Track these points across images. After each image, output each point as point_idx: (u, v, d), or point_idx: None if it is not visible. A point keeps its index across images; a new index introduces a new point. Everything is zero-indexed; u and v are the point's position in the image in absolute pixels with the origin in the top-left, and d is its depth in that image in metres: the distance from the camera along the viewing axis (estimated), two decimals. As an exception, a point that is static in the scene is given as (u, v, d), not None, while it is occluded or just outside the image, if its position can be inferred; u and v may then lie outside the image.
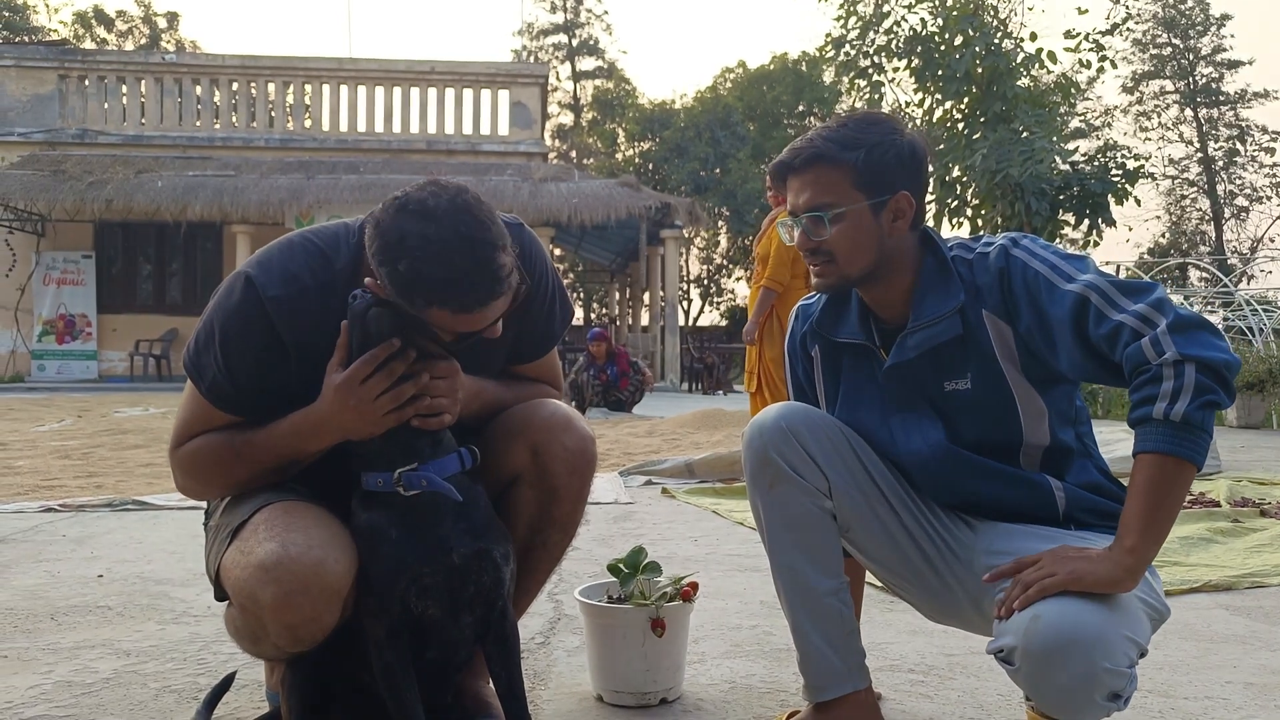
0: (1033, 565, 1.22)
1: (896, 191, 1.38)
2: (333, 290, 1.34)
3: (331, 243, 1.38)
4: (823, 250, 1.39)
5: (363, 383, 1.27)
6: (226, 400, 1.36)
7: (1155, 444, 1.18)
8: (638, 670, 1.67)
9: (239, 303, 1.33)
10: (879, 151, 1.36)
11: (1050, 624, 1.13)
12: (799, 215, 1.40)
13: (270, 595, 1.24)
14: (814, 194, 1.38)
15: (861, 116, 1.41)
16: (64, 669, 1.87)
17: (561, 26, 35.27)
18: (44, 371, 15.27)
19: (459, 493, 1.32)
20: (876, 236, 1.38)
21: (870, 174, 1.36)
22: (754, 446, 1.44)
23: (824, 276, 1.43)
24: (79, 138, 16.25)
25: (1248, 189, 31.63)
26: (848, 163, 1.36)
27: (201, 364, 1.35)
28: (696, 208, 16.27)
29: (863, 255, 1.39)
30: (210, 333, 1.34)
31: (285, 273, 1.34)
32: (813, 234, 1.39)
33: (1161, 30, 31.54)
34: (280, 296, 1.32)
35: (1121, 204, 10.86)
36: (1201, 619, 2.28)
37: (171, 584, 2.59)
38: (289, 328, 1.32)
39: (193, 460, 1.39)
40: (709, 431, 7.21)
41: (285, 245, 1.38)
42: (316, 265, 1.35)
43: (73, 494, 4.15)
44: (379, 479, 1.32)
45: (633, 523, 3.63)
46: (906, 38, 11.71)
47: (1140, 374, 1.20)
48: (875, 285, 1.43)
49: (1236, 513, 3.71)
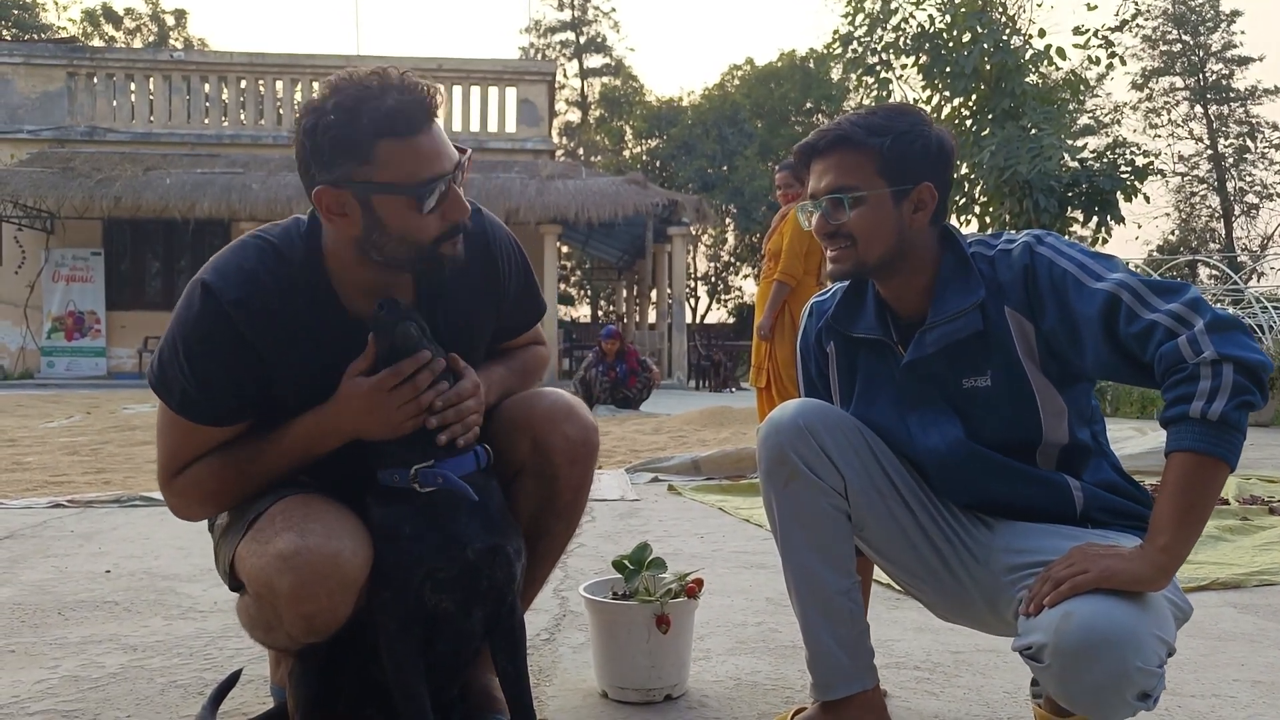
0: (1061, 562, 1.21)
1: (919, 183, 1.37)
2: (291, 285, 1.34)
3: (284, 238, 1.37)
4: (842, 234, 1.38)
5: (390, 391, 1.29)
6: (199, 412, 1.34)
7: (1191, 443, 1.17)
8: (642, 667, 1.67)
9: (199, 312, 1.31)
10: (905, 140, 1.36)
11: (1083, 622, 1.12)
12: (819, 198, 1.39)
13: (288, 584, 1.24)
14: (836, 176, 1.37)
15: (892, 106, 1.41)
16: (70, 664, 1.88)
17: (569, 24, 35.23)
18: (53, 368, 15.33)
19: (474, 490, 1.33)
20: (896, 225, 1.37)
21: (894, 162, 1.36)
22: (770, 443, 1.43)
23: (841, 262, 1.40)
24: (88, 135, 16.29)
25: (1258, 186, 31.46)
26: (872, 148, 1.35)
27: (168, 379, 1.33)
28: (704, 205, 16.23)
29: (881, 242, 1.37)
30: (174, 347, 1.32)
31: (241, 273, 1.32)
32: (832, 217, 1.38)
33: (1171, 26, 31.35)
34: (240, 299, 1.30)
35: (1130, 201, 10.83)
36: (1209, 617, 2.27)
37: (178, 579, 2.60)
38: (254, 330, 1.31)
39: (197, 486, 1.37)
40: (716, 429, 7.21)
41: (238, 247, 1.36)
42: (272, 262, 1.34)
43: (81, 490, 4.17)
44: (395, 475, 1.33)
45: (639, 519, 3.63)
46: (914, 34, 11.68)
47: (1175, 372, 1.19)
48: (893, 278, 1.42)
49: (1245, 510, 3.69)
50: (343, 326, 1.36)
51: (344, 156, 1.23)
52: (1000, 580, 1.37)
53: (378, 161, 1.23)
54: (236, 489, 1.38)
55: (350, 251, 1.33)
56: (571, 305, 33.91)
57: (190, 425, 1.34)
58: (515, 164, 16.08)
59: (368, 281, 1.36)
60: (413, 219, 1.27)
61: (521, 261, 1.55)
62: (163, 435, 1.38)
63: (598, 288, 32.77)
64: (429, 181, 1.26)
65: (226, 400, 1.34)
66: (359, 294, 1.37)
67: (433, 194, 1.26)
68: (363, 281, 1.36)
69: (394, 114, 1.23)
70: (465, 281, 1.44)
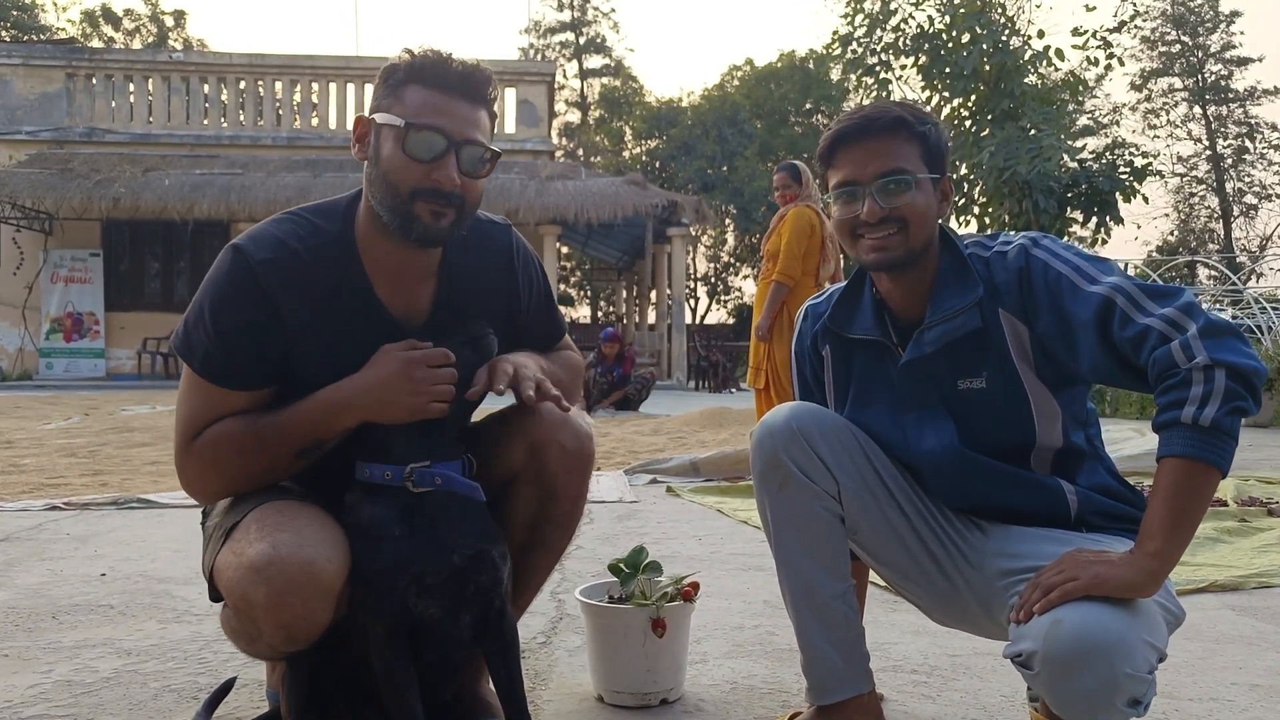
0: (1051, 569, 1.20)
1: (944, 174, 1.40)
2: (323, 256, 1.36)
3: (322, 213, 1.41)
4: (894, 218, 1.34)
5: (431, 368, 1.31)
6: (221, 373, 1.34)
7: (1182, 448, 1.16)
8: (638, 670, 1.67)
9: (228, 271, 1.34)
10: (937, 131, 1.38)
11: (1072, 629, 1.12)
12: (869, 183, 1.34)
13: (262, 595, 1.24)
14: (892, 159, 1.35)
15: (905, 102, 1.43)
16: (64, 668, 1.87)
17: (569, 24, 35.22)
18: (51, 369, 15.32)
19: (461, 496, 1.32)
20: (935, 214, 1.38)
21: (935, 150, 1.38)
22: (763, 448, 1.43)
23: (887, 249, 1.35)
24: (86, 136, 16.28)
25: (1256, 186, 31.48)
26: (922, 134, 1.37)
27: (192, 340, 1.35)
28: (703, 206, 16.23)
29: (927, 229, 1.37)
30: (200, 307, 1.35)
31: (272, 239, 1.36)
32: (883, 202, 1.34)
33: (1170, 27, 31.37)
34: (269, 260, 1.33)
35: (1129, 201, 10.83)
36: (1207, 619, 2.27)
37: (174, 582, 2.60)
38: (280, 292, 1.33)
39: (214, 450, 1.35)
40: (715, 430, 7.20)
41: (275, 218, 1.41)
42: (305, 232, 1.38)
43: (78, 492, 4.16)
44: (388, 471, 1.31)
45: (637, 521, 3.62)
46: (914, 35, 11.68)
47: (1168, 377, 1.18)
48: (906, 273, 1.39)
49: (1244, 512, 3.68)
50: (367, 303, 1.37)
51: (386, 92, 1.34)
52: (993, 585, 1.36)
53: (403, 99, 1.32)
54: (253, 460, 1.35)
55: (369, 211, 1.37)
56: (571, 306, 33.92)
57: (211, 388, 1.34)
58: (515, 164, 16.07)
59: (389, 259, 1.38)
60: (398, 157, 1.31)
61: (543, 284, 1.59)
62: (183, 401, 1.38)
63: (597, 288, 32.76)
64: (423, 126, 1.30)
65: (248, 363, 1.34)
66: (382, 273, 1.39)
67: (420, 135, 1.30)
68: (384, 259, 1.38)
69: (435, 67, 1.33)
70: (483, 283, 1.48)
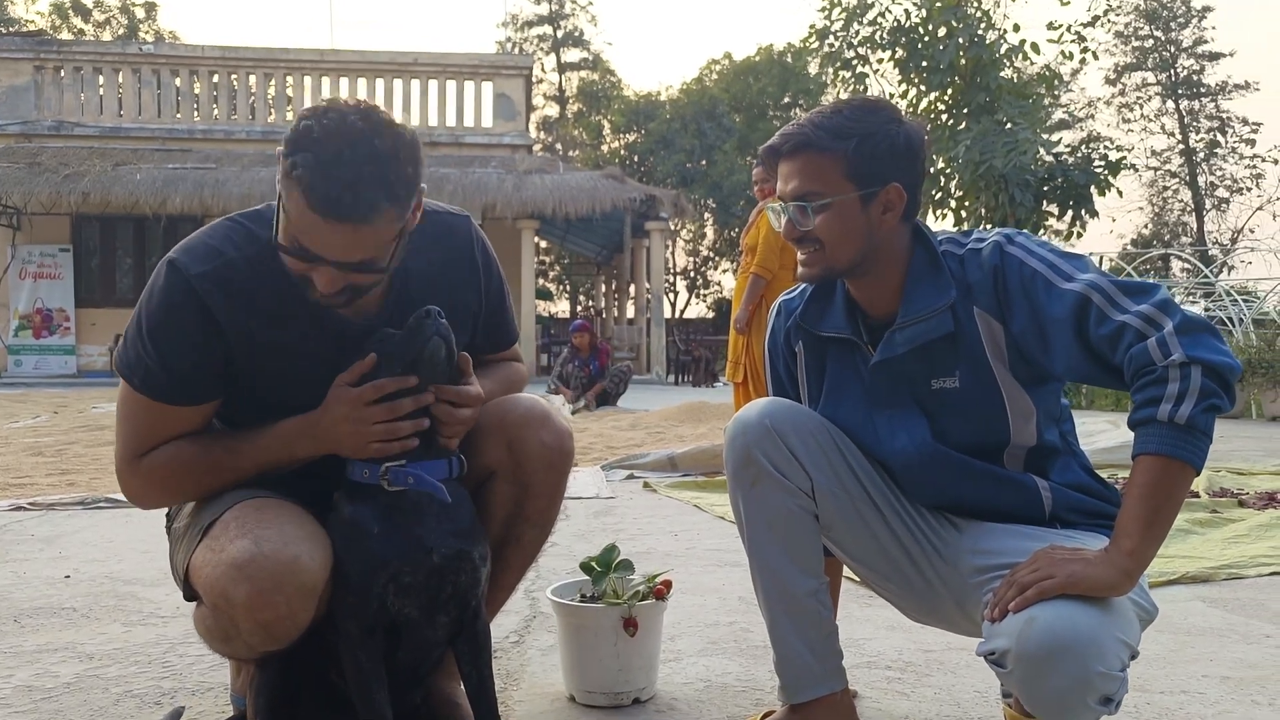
0: (1026, 566, 1.19)
1: (888, 183, 1.34)
2: (260, 263, 1.33)
3: (256, 219, 1.38)
4: (810, 239, 1.36)
5: (366, 405, 1.29)
6: (161, 388, 1.32)
7: (1158, 446, 1.16)
8: (610, 670, 1.65)
9: (164, 288, 1.31)
10: (872, 142, 1.32)
11: (1045, 627, 1.11)
12: (786, 203, 1.37)
13: (244, 593, 1.21)
14: (801, 182, 1.34)
15: (860, 103, 1.37)
16: (24, 673, 1.83)
17: (546, 18, 35.06)
18: (21, 366, 15.08)
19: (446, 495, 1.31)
20: (865, 228, 1.34)
21: (861, 164, 1.32)
22: (736, 444, 1.41)
23: (810, 265, 1.39)
24: (55, 129, 16.01)
25: (1228, 180, 31.84)
26: (838, 152, 1.32)
27: (130, 358, 1.32)
28: (682, 200, 16.22)
29: (850, 247, 1.35)
30: (138, 324, 1.32)
31: (207, 249, 1.33)
32: (799, 223, 1.36)
33: (1143, 22, 31.66)
34: (206, 272, 1.30)
35: (1104, 195, 10.89)
36: (1178, 611, 2.28)
37: (140, 584, 2.55)
38: (219, 304, 1.31)
39: (164, 472, 1.35)
40: (693, 424, 7.19)
41: (209, 228, 1.38)
42: (242, 240, 1.34)
43: (44, 492, 4.09)
44: (365, 470, 1.31)
45: (613, 517, 3.61)
46: (890, 29, 11.68)
47: (1144, 375, 1.18)
48: (863, 278, 1.40)
49: (1215, 503, 3.72)
50: (306, 307, 1.34)
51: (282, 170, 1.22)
52: (968, 581, 1.35)
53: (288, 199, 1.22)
54: (206, 480, 1.35)
55: None
56: (550, 300, 33.80)
57: (154, 404, 1.32)
58: (492, 159, 15.98)
59: None
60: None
61: (500, 282, 1.56)
62: (126, 419, 1.36)
63: (576, 283, 32.67)
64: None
65: (189, 379, 1.32)
66: None
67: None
68: None
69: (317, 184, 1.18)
70: (440, 277, 1.44)
